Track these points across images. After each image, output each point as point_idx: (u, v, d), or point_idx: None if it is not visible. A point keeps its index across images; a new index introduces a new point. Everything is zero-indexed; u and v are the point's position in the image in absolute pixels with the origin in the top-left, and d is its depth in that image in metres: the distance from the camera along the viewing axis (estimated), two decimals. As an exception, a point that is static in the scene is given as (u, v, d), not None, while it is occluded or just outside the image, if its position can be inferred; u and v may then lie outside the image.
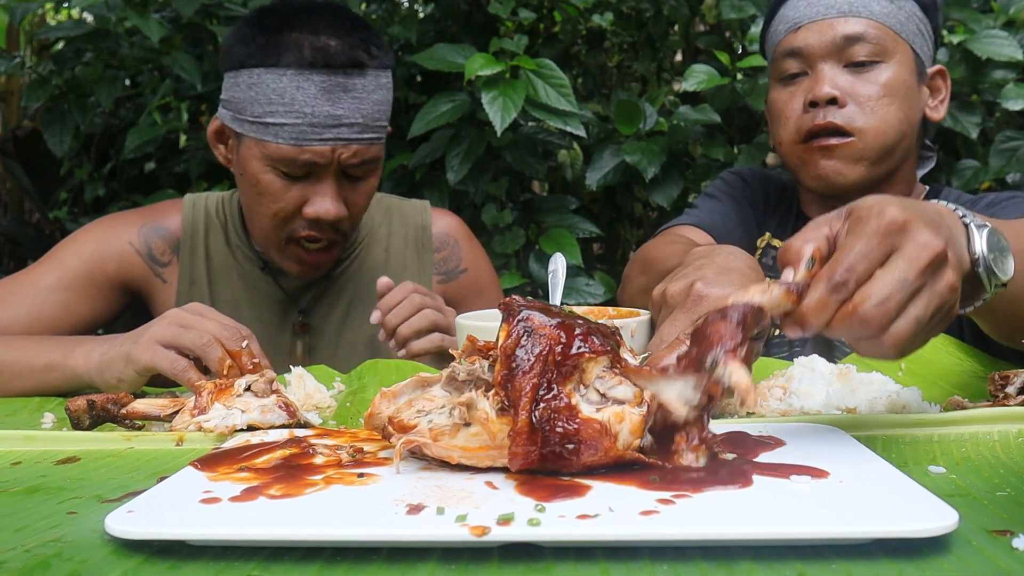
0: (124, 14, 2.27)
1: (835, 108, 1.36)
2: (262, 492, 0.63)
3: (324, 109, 1.31)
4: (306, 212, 1.36)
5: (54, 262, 1.44)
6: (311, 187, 1.35)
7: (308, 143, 1.31)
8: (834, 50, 1.38)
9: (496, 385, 0.66)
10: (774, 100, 1.46)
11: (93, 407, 0.90)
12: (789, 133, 1.42)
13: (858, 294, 0.70)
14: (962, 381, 1.05)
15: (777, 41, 1.45)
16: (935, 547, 0.54)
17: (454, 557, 0.55)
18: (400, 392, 0.72)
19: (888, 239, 0.71)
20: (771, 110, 1.48)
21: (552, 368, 0.66)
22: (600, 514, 0.57)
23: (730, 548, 0.55)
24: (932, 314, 0.72)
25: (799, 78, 1.42)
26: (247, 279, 1.52)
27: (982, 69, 2.12)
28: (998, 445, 0.79)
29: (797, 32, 1.41)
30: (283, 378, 1.08)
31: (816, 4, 1.40)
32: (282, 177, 1.35)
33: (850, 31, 1.37)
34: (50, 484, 0.73)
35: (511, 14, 2.32)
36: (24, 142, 2.95)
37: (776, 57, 1.46)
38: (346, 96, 1.32)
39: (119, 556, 0.56)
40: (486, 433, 0.66)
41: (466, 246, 1.67)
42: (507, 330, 0.68)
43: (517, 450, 0.64)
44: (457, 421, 0.67)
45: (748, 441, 0.75)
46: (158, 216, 1.53)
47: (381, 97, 1.38)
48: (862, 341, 0.72)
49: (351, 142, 1.34)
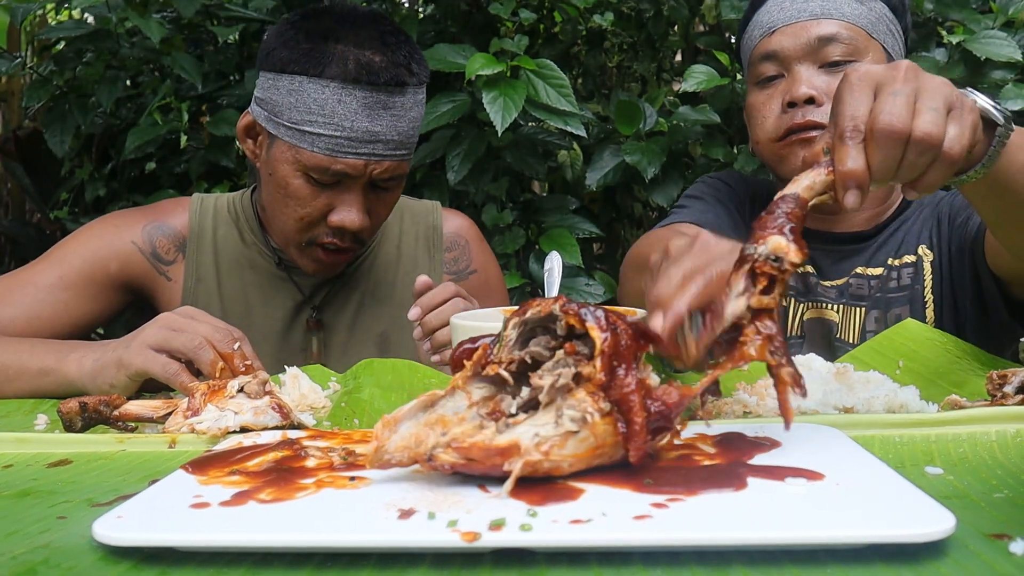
0: (125, 14, 2.27)
1: (813, 107, 1.37)
2: (252, 496, 0.63)
3: (363, 124, 1.31)
4: (331, 220, 1.36)
5: (55, 260, 1.43)
6: (338, 196, 1.36)
7: (343, 155, 1.32)
8: (809, 51, 1.39)
9: (597, 387, 0.66)
10: (752, 103, 1.47)
11: (85, 409, 0.90)
12: (767, 132, 1.43)
13: (870, 123, 0.78)
14: (960, 379, 1.04)
15: (753, 46, 1.47)
16: (932, 551, 0.53)
17: (445, 562, 0.55)
18: (403, 417, 0.67)
19: (868, 81, 0.81)
20: (749, 112, 1.49)
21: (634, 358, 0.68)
22: (593, 518, 0.56)
23: (724, 552, 0.54)
24: (943, 101, 0.81)
25: (776, 80, 1.43)
26: (260, 276, 1.51)
27: (981, 69, 2.11)
28: (996, 445, 0.78)
29: (772, 36, 1.43)
30: (277, 378, 1.08)
31: (789, 8, 1.42)
32: (311, 183, 1.34)
33: (824, 32, 1.39)
34: (41, 487, 0.73)
35: (511, 14, 2.32)
36: (25, 142, 2.96)
37: (753, 61, 1.47)
38: (385, 114, 1.32)
39: (107, 562, 0.55)
40: (592, 436, 0.65)
41: (476, 247, 1.66)
42: (599, 332, 0.67)
43: (640, 444, 0.65)
44: (569, 429, 0.65)
45: (744, 442, 0.75)
46: (163, 214, 1.52)
47: (417, 114, 1.39)
48: (911, 161, 0.79)
49: (385, 158, 1.34)
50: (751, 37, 1.48)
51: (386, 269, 1.58)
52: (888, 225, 1.50)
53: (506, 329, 0.69)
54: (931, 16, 2.21)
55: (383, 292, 1.57)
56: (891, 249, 1.48)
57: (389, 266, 1.59)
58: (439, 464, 0.63)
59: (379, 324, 1.55)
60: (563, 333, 0.69)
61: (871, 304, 1.45)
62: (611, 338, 0.66)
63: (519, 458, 0.63)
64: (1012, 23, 2.17)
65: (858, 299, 1.46)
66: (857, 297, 1.46)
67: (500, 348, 0.69)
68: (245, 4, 2.42)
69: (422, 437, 0.64)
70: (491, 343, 0.70)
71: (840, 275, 1.49)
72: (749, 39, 1.49)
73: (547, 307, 0.69)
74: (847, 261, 1.49)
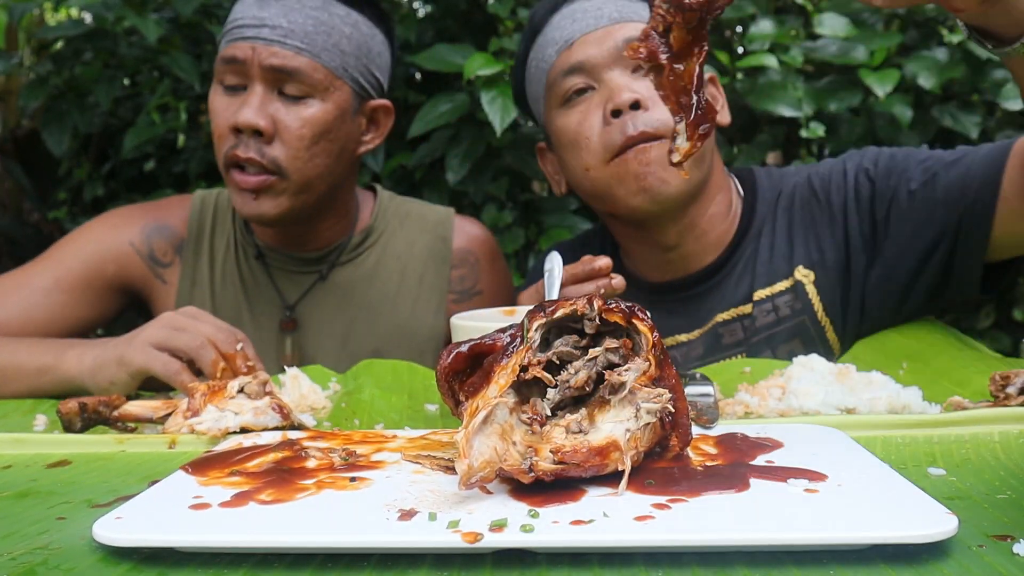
0: (122, 13, 2.26)
1: (640, 113, 1.23)
2: (253, 497, 0.62)
3: (251, 12, 1.34)
4: (229, 122, 1.33)
5: (53, 261, 1.42)
6: (243, 100, 1.34)
7: (234, 42, 1.33)
8: (618, 56, 1.26)
9: (649, 380, 0.68)
10: (564, 126, 1.31)
11: (85, 409, 0.90)
12: (596, 154, 1.26)
13: None
14: (963, 378, 1.04)
15: (548, 66, 1.33)
16: (934, 553, 0.53)
17: (446, 563, 0.54)
18: (472, 435, 0.63)
19: None
20: (563, 139, 1.32)
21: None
22: (594, 519, 0.56)
23: (726, 553, 0.54)
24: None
25: (586, 94, 1.29)
26: (244, 275, 1.50)
27: (982, 69, 2.11)
28: (999, 446, 0.78)
29: (572, 48, 1.29)
30: (277, 379, 1.08)
31: (583, 19, 1.30)
32: (223, 93, 1.35)
33: (629, 35, 1.26)
34: (40, 488, 0.73)
35: (510, 13, 2.31)
36: (23, 142, 2.95)
37: (552, 81, 1.32)
38: (275, 3, 1.34)
39: (107, 563, 0.55)
40: (656, 428, 0.69)
41: (487, 266, 1.57)
42: (648, 328, 0.69)
43: (685, 433, 0.71)
44: (647, 421, 0.67)
45: (746, 443, 0.75)
46: (163, 214, 1.51)
47: (326, 20, 1.35)
48: None
49: (272, 43, 1.32)
50: (542, 58, 1.34)
51: (387, 280, 1.51)
52: (733, 254, 1.35)
53: (530, 332, 0.69)
54: (932, 15, 2.21)
55: (381, 307, 1.50)
56: (748, 281, 1.33)
57: (390, 278, 1.52)
58: (541, 474, 0.63)
59: (373, 340, 1.48)
60: (592, 331, 0.70)
61: (749, 351, 1.30)
62: (657, 337, 0.69)
63: (622, 453, 0.64)
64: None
65: (732, 347, 1.32)
66: (731, 346, 1.32)
67: (524, 351, 0.69)
68: (244, 3, 2.42)
69: (501, 451, 0.63)
70: (506, 344, 0.69)
71: (701, 323, 1.35)
72: (540, 62, 1.35)
73: (579, 307, 0.69)
74: (703, 304, 1.35)
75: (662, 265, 1.38)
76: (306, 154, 1.35)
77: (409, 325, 1.50)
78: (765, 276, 1.32)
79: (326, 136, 1.36)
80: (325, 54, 1.35)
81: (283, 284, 1.49)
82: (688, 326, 1.36)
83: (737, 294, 1.33)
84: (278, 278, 1.49)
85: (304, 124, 1.34)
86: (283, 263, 1.49)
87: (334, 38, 1.36)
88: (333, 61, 1.35)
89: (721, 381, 1.09)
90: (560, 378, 0.69)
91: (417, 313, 1.51)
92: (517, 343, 0.68)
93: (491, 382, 0.66)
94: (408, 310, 1.51)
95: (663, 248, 1.35)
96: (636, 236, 1.38)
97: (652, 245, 1.36)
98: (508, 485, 0.63)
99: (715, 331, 1.33)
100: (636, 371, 0.68)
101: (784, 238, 1.33)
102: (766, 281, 1.32)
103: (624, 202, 1.27)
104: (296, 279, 1.50)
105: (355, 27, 1.39)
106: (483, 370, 0.68)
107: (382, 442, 0.79)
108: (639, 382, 0.68)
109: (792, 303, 1.30)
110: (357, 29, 1.39)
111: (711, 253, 1.35)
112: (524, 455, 0.63)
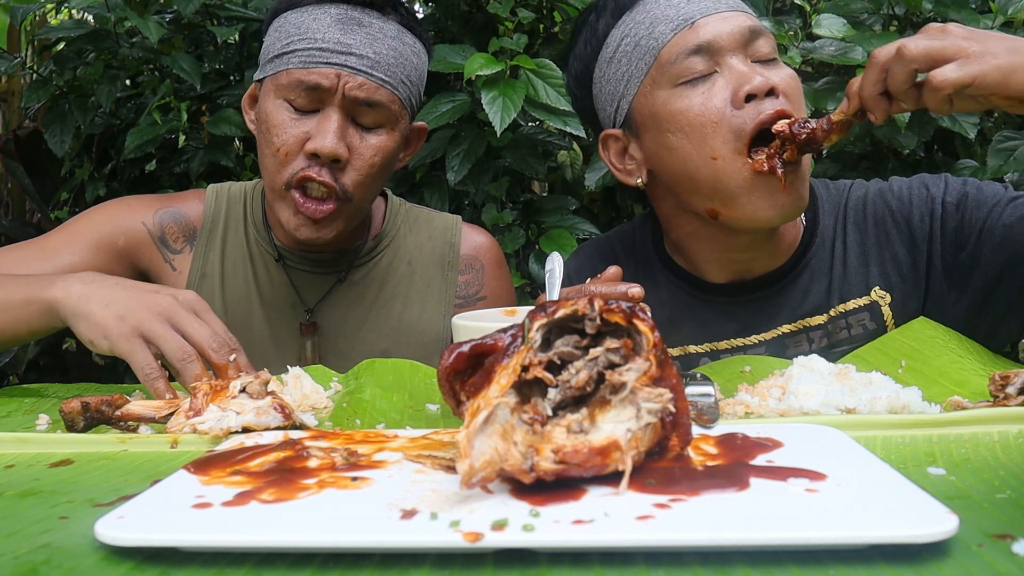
0: (124, 14, 2.26)
1: (773, 99, 1.17)
2: (255, 496, 0.63)
3: (335, 36, 1.31)
4: (307, 147, 1.32)
5: (66, 232, 1.44)
6: (316, 125, 1.32)
7: (315, 66, 1.30)
8: (743, 43, 1.20)
9: (650, 380, 0.69)
10: (684, 108, 1.20)
11: (87, 409, 0.90)
12: (725, 141, 1.17)
13: None
14: (962, 378, 1.05)
15: (661, 44, 1.22)
16: (934, 552, 0.53)
17: (448, 563, 0.54)
18: (473, 435, 0.62)
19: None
20: (680, 121, 1.21)
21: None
22: (595, 519, 0.56)
23: (727, 553, 0.54)
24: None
25: (709, 77, 1.20)
26: (259, 275, 1.50)
27: (983, 68, 2.11)
28: (998, 446, 0.78)
29: (695, 27, 1.20)
30: (280, 379, 1.08)
31: (699, 1, 1.23)
32: (290, 111, 1.33)
33: (752, 24, 1.21)
34: (43, 488, 0.73)
35: (510, 14, 2.31)
36: (25, 142, 2.95)
37: (667, 60, 1.21)
38: (359, 30, 1.32)
39: (109, 562, 0.55)
40: (656, 428, 0.69)
41: (491, 272, 1.60)
42: (649, 328, 0.69)
43: (686, 432, 0.70)
44: (648, 421, 0.68)
45: (746, 443, 0.75)
46: (178, 203, 1.52)
47: (402, 51, 1.36)
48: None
49: (358, 73, 1.31)
50: (648, 36, 1.24)
51: (397, 283, 1.54)
52: (799, 262, 1.31)
53: (531, 332, 0.69)
54: (930, 16, 2.21)
55: (391, 308, 1.52)
56: (817, 292, 1.30)
57: (401, 281, 1.54)
58: (542, 473, 0.63)
59: (382, 341, 1.51)
60: (593, 331, 0.70)
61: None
62: (658, 336, 0.69)
63: (623, 453, 0.65)
64: (1011, 23, 2.17)
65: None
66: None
67: (525, 351, 0.69)
68: (245, 4, 2.41)
69: (502, 451, 0.63)
70: (507, 344, 0.69)
71: (757, 328, 1.32)
72: (643, 39, 1.24)
73: (579, 307, 0.69)
74: (761, 309, 1.31)
75: (726, 266, 1.33)
76: (372, 181, 1.38)
77: (418, 327, 1.52)
78: (839, 291, 1.29)
79: (391, 164, 1.40)
80: (401, 87, 1.37)
81: (301, 286, 1.50)
82: (744, 330, 1.33)
83: (805, 305, 1.30)
84: (296, 280, 1.50)
85: (376, 153, 1.36)
86: (299, 263, 1.50)
87: (407, 70, 1.38)
88: (404, 92, 1.38)
89: (721, 381, 1.09)
90: (561, 378, 0.69)
91: (425, 315, 1.53)
92: (518, 343, 0.69)
93: (492, 382, 0.67)
94: (417, 312, 1.53)
95: (737, 249, 1.31)
96: (708, 235, 1.31)
97: (726, 247, 1.31)
98: (509, 485, 0.63)
99: (781, 341, 1.31)
100: (637, 371, 0.68)
101: (857, 253, 1.30)
102: (840, 297, 1.29)
103: (747, 208, 1.20)
104: (314, 281, 1.51)
105: (418, 56, 1.41)
106: (484, 370, 0.68)
107: (383, 442, 0.79)
108: (640, 382, 0.68)
109: (866, 322, 1.28)
110: (419, 58, 1.42)
111: (777, 259, 1.32)
112: (525, 455, 0.63)
